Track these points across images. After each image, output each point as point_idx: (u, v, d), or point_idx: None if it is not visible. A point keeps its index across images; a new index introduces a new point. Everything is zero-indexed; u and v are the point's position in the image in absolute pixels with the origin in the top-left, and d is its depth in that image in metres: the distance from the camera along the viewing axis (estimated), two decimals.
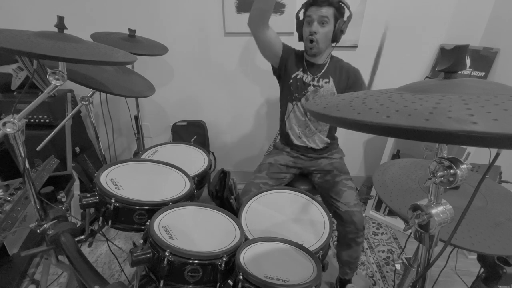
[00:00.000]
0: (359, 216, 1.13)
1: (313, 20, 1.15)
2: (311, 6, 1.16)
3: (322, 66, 1.28)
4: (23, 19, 1.78)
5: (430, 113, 0.31)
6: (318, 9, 1.13)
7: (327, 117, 0.41)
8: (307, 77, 1.29)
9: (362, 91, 0.52)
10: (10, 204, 1.19)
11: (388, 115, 0.34)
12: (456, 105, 0.33)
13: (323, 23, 1.15)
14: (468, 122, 0.28)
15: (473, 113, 0.30)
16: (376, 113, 0.35)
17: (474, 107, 0.32)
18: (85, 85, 1.02)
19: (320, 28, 1.15)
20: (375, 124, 0.33)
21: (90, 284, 0.70)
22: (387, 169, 0.86)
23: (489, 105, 0.32)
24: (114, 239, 1.64)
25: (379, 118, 0.33)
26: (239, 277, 0.71)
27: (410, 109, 0.34)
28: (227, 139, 2.18)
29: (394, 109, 0.35)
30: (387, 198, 0.73)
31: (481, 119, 0.29)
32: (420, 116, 0.31)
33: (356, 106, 0.39)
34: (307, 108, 0.48)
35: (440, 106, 0.33)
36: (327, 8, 1.13)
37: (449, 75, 0.44)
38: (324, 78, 1.27)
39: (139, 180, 0.99)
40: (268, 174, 1.30)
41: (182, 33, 1.79)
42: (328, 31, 1.16)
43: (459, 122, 0.29)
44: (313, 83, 1.28)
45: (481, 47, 1.57)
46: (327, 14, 1.13)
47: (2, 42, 0.63)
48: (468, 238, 0.60)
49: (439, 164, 0.46)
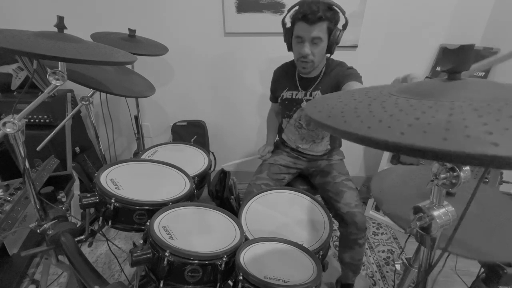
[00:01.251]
0: (360, 217, 1.11)
1: (304, 40, 1.04)
2: (300, 22, 1.02)
3: (315, 79, 1.21)
4: (23, 19, 1.78)
5: (446, 130, 0.30)
6: (309, 28, 1.00)
7: (333, 129, 0.38)
8: (298, 93, 1.24)
9: (363, 89, 0.51)
10: (10, 204, 1.19)
11: (402, 131, 0.32)
12: (470, 118, 0.31)
13: (315, 43, 1.04)
14: (488, 143, 0.27)
15: (491, 130, 0.29)
16: (387, 128, 0.33)
17: (490, 121, 0.31)
18: (85, 85, 1.01)
19: (313, 49, 1.06)
20: (390, 143, 0.31)
21: (90, 284, 0.70)
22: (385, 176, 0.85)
23: (504, 118, 0.31)
24: (114, 239, 1.64)
25: (393, 136, 0.32)
26: (239, 278, 0.71)
27: (423, 123, 0.32)
28: (227, 139, 2.18)
29: (406, 123, 0.33)
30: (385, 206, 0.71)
31: (501, 139, 0.28)
32: (436, 134, 0.30)
33: (363, 115, 0.37)
34: (308, 115, 0.45)
35: (454, 119, 0.32)
36: (320, 25, 1.00)
37: (453, 76, 0.42)
38: (315, 90, 1.21)
39: (139, 180, 0.99)
40: (269, 174, 1.30)
41: (182, 33, 1.79)
42: (322, 48, 1.07)
43: (479, 143, 0.28)
44: (305, 98, 1.23)
45: (481, 47, 1.57)
46: (320, 33, 1.02)
47: (2, 42, 0.63)
48: (465, 245, 0.59)
49: (442, 166, 0.46)
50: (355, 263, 1.21)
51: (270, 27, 1.70)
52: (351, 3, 1.61)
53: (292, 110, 1.29)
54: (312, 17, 0.98)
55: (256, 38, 1.76)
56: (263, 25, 1.70)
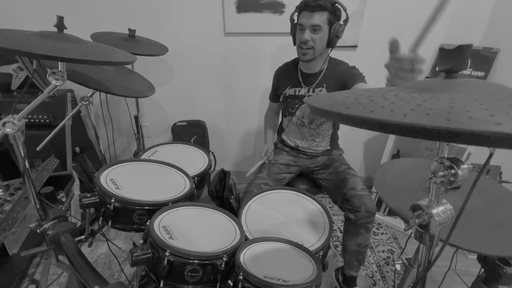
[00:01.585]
0: (369, 199, 1.09)
1: (304, 27, 1.10)
2: (303, 11, 1.10)
3: (317, 75, 1.23)
4: (23, 19, 1.78)
5: (449, 113, 0.30)
6: (310, 15, 1.07)
7: (335, 115, 0.38)
8: (301, 90, 1.27)
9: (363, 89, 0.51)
10: (10, 204, 1.19)
11: (405, 113, 0.32)
12: (471, 105, 0.31)
13: (315, 30, 1.09)
14: (492, 123, 0.27)
15: (492, 113, 0.29)
16: (390, 111, 0.33)
17: (490, 107, 0.31)
18: (85, 85, 1.01)
19: (313, 35, 1.10)
20: (392, 123, 0.31)
21: (90, 284, 0.70)
22: (388, 169, 0.86)
23: (504, 105, 0.31)
24: (114, 239, 1.64)
25: (396, 116, 0.32)
26: (239, 277, 0.71)
27: (425, 108, 0.32)
28: (227, 139, 2.18)
29: (409, 108, 0.33)
30: (388, 199, 0.73)
31: (503, 120, 0.28)
32: (440, 116, 0.30)
33: (365, 103, 0.37)
34: (307, 103, 0.46)
35: (455, 105, 0.32)
36: (320, 14, 1.07)
37: (451, 75, 0.43)
38: (319, 87, 1.24)
39: (139, 180, 0.99)
40: (268, 174, 1.30)
41: (182, 33, 1.79)
42: (322, 37, 1.11)
43: (483, 122, 0.28)
44: (308, 94, 1.25)
45: (481, 47, 1.57)
46: (319, 21, 1.07)
47: (2, 42, 0.63)
48: (468, 239, 0.60)
49: (440, 164, 0.46)
50: (362, 250, 1.17)
51: (270, 27, 1.70)
52: (351, 3, 1.61)
53: (295, 108, 1.30)
54: (312, 3, 1.06)
55: (256, 38, 1.76)
56: (263, 25, 1.70)
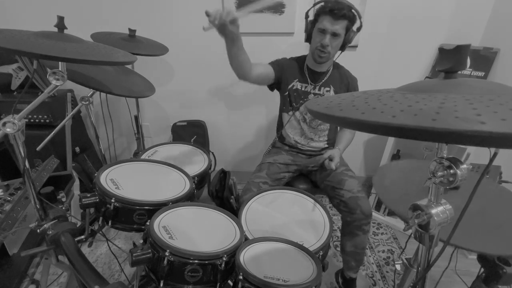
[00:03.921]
0: (364, 201, 1.11)
1: (326, 32, 1.13)
2: (325, 15, 1.12)
3: (324, 74, 1.27)
4: (23, 19, 1.78)
5: (436, 113, 0.31)
6: (334, 22, 1.11)
7: (329, 117, 0.40)
8: (307, 86, 1.29)
9: (361, 91, 0.52)
10: (10, 204, 1.19)
11: (394, 114, 0.33)
12: (461, 105, 0.32)
13: (335, 36, 1.13)
14: (476, 122, 0.28)
15: (480, 112, 0.30)
16: (380, 113, 0.35)
17: (479, 107, 0.31)
18: (85, 85, 1.02)
19: (332, 41, 1.15)
20: (380, 124, 0.32)
21: (90, 284, 0.70)
22: (386, 172, 0.86)
23: (494, 105, 0.32)
24: (114, 239, 1.64)
25: (385, 118, 0.33)
26: (239, 277, 0.71)
27: (415, 109, 0.34)
28: (227, 139, 2.18)
29: (399, 109, 0.34)
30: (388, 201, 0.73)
31: (488, 119, 0.28)
32: (426, 116, 0.31)
33: (359, 105, 0.39)
34: (307, 107, 0.48)
35: (445, 106, 0.33)
36: (342, 22, 1.11)
37: (450, 75, 0.43)
38: (325, 86, 1.27)
39: (139, 180, 0.99)
40: (267, 174, 1.30)
41: (182, 33, 1.79)
42: (339, 43, 1.17)
43: (467, 121, 0.28)
44: (314, 92, 1.28)
45: (481, 47, 1.57)
46: (340, 29, 1.12)
47: (2, 42, 0.63)
48: (468, 238, 0.60)
49: (439, 164, 0.46)
50: (359, 251, 1.18)
51: (270, 27, 1.69)
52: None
53: (299, 103, 1.31)
54: (338, 12, 1.09)
55: (256, 38, 1.76)
56: (263, 25, 1.70)
